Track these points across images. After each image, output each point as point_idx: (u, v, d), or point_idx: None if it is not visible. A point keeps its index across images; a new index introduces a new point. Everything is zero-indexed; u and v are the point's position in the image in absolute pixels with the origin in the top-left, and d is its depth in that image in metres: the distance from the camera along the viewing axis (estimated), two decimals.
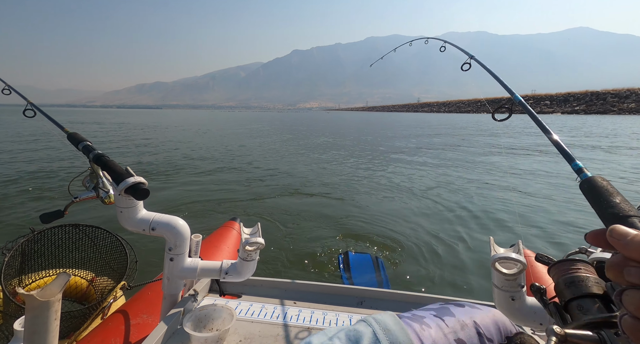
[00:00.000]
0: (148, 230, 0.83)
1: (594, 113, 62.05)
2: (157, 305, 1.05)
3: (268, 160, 7.97)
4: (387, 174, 6.21)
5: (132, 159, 7.83)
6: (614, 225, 0.28)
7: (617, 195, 0.39)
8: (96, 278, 1.49)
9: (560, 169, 6.40)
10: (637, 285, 0.24)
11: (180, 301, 0.91)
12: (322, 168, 6.78)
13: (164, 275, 0.87)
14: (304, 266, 2.54)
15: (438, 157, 8.33)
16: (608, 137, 13.67)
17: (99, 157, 0.88)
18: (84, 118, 34.74)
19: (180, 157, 8.13)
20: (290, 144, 11.84)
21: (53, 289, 0.70)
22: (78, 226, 1.46)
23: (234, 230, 1.93)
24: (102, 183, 0.95)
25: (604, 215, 0.37)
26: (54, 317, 0.71)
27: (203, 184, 5.27)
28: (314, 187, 5.09)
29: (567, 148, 0.56)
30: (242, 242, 0.82)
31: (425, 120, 38.30)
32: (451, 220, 3.59)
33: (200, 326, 0.81)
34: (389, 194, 4.71)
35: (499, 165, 7.15)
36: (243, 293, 1.06)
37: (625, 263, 0.25)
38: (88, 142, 0.96)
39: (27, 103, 1.17)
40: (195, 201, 4.24)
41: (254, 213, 3.80)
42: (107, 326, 1.03)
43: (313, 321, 0.90)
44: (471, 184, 5.29)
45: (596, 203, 0.40)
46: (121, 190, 0.77)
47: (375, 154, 9.11)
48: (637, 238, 0.25)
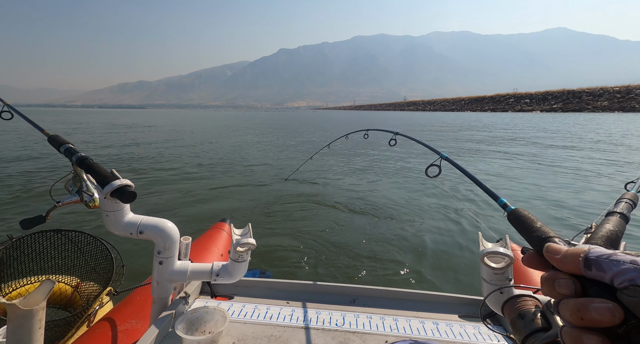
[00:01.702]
0: (136, 233, 0.81)
1: (571, 111, 65.11)
2: (147, 310, 1.03)
3: (258, 159, 7.91)
4: (378, 174, 6.27)
5: (117, 161, 7.62)
6: (548, 243, 0.31)
7: (537, 222, 0.44)
8: (81, 284, 1.44)
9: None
10: (567, 295, 0.27)
11: (171, 304, 0.89)
12: (312, 168, 6.78)
13: (153, 279, 0.86)
14: (297, 265, 2.53)
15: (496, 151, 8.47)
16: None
17: (82, 160, 0.85)
18: (64, 119, 33.52)
19: (168, 158, 7.97)
20: (280, 142, 11.78)
21: (37, 297, 0.68)
22: (60, 231, 1.41)
23: (224, 231, 1.91)
24: (86, 186, 0.92)
25: (531, 239, 0.41)
26: (38, 326, 0.68)
27: (192, 185, 5.18)
28: (305, 186, 5.09)
29: (492, 189, 0.68)
30: (233, 243, 0.81)
31: (414, 118, 38.81)
32: (442, 212, 3.66)
33: (193, 329, 0.80)
34: (378, 192, 4.76)
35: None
36: (235, 294, 1.05)
37: (556, 276, 0.28)
38: (70, 144, 0.93)
39: (2, 105, 1.12)
40: (184, 203, 4.17)
41: (244, 214, 3.77)
42: (93, 333, 1.00)
43: (307, 320, 0.90)
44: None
45: (522, 229, 0.45)
46: (107, 193, 0.75)
47: (366, 155, 9.18)
48: (569, 252, 0.28)
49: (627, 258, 0.25)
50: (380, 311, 0.97)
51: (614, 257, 0.25)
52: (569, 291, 0.27)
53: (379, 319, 0.92)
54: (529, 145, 10.80)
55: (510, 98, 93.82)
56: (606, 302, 0.24)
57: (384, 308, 0.98)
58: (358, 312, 0.95)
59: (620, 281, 0.24)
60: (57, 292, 1.38)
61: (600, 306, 0.24)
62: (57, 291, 1.38)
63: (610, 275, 0.25)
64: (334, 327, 0.88)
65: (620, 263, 0.24)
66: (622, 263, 0.24)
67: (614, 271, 0.24)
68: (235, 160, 7.86)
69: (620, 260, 0.25)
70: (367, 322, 0.90)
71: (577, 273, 0.27)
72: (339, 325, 0.88)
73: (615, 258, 0.25)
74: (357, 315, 0.93)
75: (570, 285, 0.27)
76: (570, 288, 0.27)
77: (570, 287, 0.27)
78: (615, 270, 0.24)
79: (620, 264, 0.24)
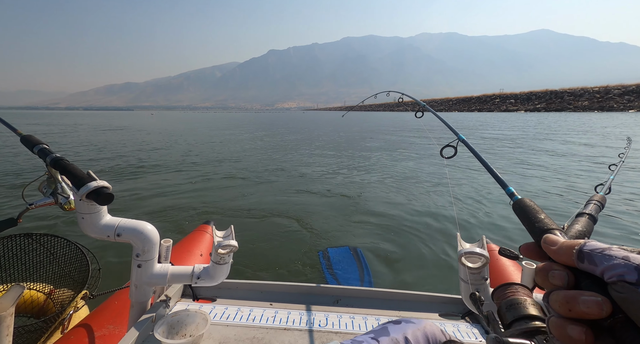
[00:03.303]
0: (113, 236, 0.79)
1: (553, 110, 67.98)
2: (125, 315, 1.00)
3: (241, 160, 7.82)
4: (363, 173, 6.34)
5: (95, 162, 7.34)
6: (546, 234, 0.32)
7: (541, 213, 0.44)
8: (55, 291, 1.38)
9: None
10: (560, 286, 0.27)
11: (151, 307, 0.87)
12: (298, 168, 6.77)
13: (132, 282, 0.84)
14: (280, 266, 2.52)
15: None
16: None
17: (57, 161, 0.83)
18: (48, 121, 31.96)
19: (148, 159, 7.75)
20: (265, 144, 11.70)
21: (4, 303, 0.65)
22: (31, 235, 1.34)
23: (207, 233, 1.88)
24: (61, 188, 0.89)
25: (533, 230, 0.41)
26: (5, 333, 0.65)
27: (175, 187, 5.06)
28: (290, 186, 5.08)
29: (501, 177, 0.65)
30: (215, 245, 0.81)
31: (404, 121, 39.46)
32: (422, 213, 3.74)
33: (173, 332, 0.79)
34: (366, 191, 4.81)
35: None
36: (218, 296, 1.04)
37: (550, 267, 0.29)
38: (44, 144, 0.89)
39: None
40: (167, 206, 4.07)
41: (228, 215, 3.72)
42: (68, 339, 0.97)
43: (290, 321, 0.90)
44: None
45: (525, 219, 0.45)
46: (82, 195, 0.73)
47: (355, 153, 9.26)
48: (565, 244, 0.29)
49: (620, 253, 0.25)
50: (363, 311, 0.98)
51: (607, 251, 0.26)
52: (561, 282, 0.27)
53: (361, 319, 0.93)
54: (527, 144, 11.21)
55: (496, 98, 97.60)
56: (595, 295, 0.24)
57: (367, 308, 1.00)
58: (341, 312, 0.97)
59: (609, 276, 0.24)
60: (29, 300, 1.32)
61: (589, 300, 0.24)
62: (29, 298, 1.32)
63: (601, 269, 0.25)
64: (317, 328, 0.88)
65: (612, 258, 0.25)
66: (614, 258, 0.25)
67: (604, 265, 0.25)
68: (223, 159, 7.74)
69: (612, 255, 0.25)
70: (349, 322, 0.92)
71: (571, 265, 0.28)
72: (322, 326, 0.89)
73: (608, 253, 0.25)
74: (340, 315, 0.95)
75: (563, 277, 0.27)
76: (563, 280, 0.27)
77: (564, 279, 0.27)
78: (605, 265, 0.25)
79: (612, 259, 0.25)
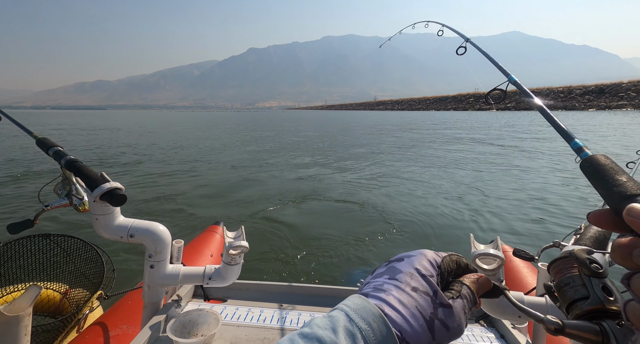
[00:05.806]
0: (126, 237, 0.80)
1: (523, 109, 71.88)
2: (138, 315, 1.01)
3: (246, 162, 7.87)
4: (370, 173, 6.30)
5: (105, 164, 7.51)
6: (632, 204, 0.25)
7: (623, 174, 0.35)
8: (71, 291, 1.42)
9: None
10: None
11: (163, 307, 0.88)
12: (302, 170, 6.78)
13: (144, 283, 0.85)
14: (291, 268, 2.52)
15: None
16: None
17: (72, 163, 0.84)
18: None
19: (156, 161, 7.88)
20: (264, 144, 11.76)
21: (22, 304, 0.67)
22: (49, 236, 1.38)
23: (217, 234, 1.90)
24: (76, 189, 0.91)
25: (610, 195, 0.33)
26: (23, 332, 0.67)
27: (184, 188, 5.13)
28: (298, 188, 5.08)
29: (565, 127, 0.48)
30: (226, 246, 0.81)
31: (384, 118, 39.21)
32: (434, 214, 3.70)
33: (185, 332, 0.79)
34: (374, 192, 4.78)
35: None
36: (228, 297, 1.04)
37: (636, 244, 0.23)
38: (59, 147, 0.91)
39: None
40: (177, 207, 4.13)
41: (238, 216, 3.75)
42: (83, 339, 0.98)
43: (300, 323, 0.90)
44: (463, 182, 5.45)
45: (599, 183, 0.36)
46: (96, 197, 0.74)
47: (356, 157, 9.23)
48: None
49: None
50: None
51: None
52: None
53: None
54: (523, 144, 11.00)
55: (471, 97, 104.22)
56: None
57: None
58: None
59: None
60: (45, 299, 1.35)
61: None
62: (45, 298, 1.35)
63: None
64: None
65: None
66: None
67: None
68: (229, 161, 7.82)
69: None
70: None
71: None
72: None
73: None
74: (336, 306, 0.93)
75: None
76: None
77: None
78: None
79: None
